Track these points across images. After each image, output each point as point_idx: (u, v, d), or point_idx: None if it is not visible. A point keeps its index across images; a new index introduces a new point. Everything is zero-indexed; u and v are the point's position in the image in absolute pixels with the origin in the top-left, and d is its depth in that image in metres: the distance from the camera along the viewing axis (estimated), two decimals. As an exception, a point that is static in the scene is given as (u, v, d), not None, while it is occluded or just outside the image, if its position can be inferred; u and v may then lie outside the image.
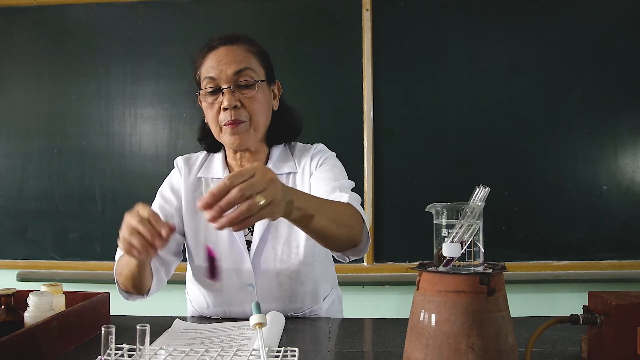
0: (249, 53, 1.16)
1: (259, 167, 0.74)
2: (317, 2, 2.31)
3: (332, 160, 1.24)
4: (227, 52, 1.14)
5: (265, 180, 0.72)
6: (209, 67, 1.14)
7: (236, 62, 1.13)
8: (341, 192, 1.09)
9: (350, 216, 1.00)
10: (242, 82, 1.13)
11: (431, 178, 2.25)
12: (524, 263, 2.22)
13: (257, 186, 0.71)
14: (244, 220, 0.71)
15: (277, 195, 0.74)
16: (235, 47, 1.15)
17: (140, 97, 2.37)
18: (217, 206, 0.68)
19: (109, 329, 0.76)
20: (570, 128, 2.22)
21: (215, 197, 0.69)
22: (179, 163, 1.28)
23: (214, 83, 1.14)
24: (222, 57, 1.13)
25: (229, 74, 1.12)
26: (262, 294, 1.19)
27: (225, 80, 1.13)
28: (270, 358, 0.84)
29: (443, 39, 2.26)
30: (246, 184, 0.70)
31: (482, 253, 0.70)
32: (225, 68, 1.12)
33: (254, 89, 1.14)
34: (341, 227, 0.96)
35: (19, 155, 2.42)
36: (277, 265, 1.18)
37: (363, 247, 1.05)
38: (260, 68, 1.17)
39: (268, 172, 0.74)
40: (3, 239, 2.42)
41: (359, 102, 2.26)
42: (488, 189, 0.70)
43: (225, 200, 0.69)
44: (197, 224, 1.23)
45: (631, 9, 2.21)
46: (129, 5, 2.36)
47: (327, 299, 1.29)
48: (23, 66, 2.42)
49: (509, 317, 0.68)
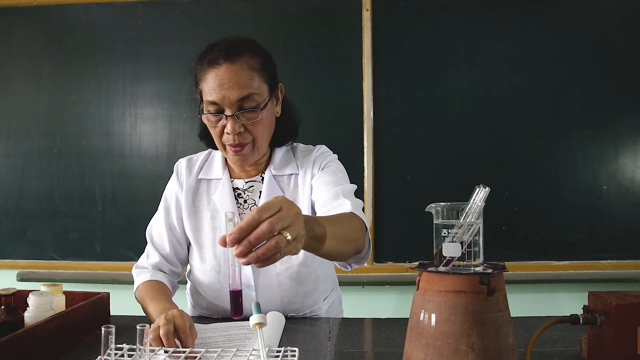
0: (252, 72, 1.09)
1: (284, 200, 0.71)
2: (317, 2, 2.31)
3: (335, 164, 1.24)
4: (230, 73, 1.07)
5: (292, 214, 0.70)
6: (210, 89, 1.08)
7: (239, 86, 1.07)
8: (344, 198, 1.08)
9: (356, 230, 1.00)
10: (245, 107, 1.09)
11: (431, 178, 2.25)
12: (524, 263, 2.22)
13: (285, 221, 0.68)
14: (271, 257, 0.68)
15: (302, 230, 0.72)
16: (238, 67, 1.08)
17: (140, 97, 2.37)
18: (246, 240, 0.65)
19: (109, 329, 0.76)
20: (570, 128, 2.22)
21: (244, 231, 0.66)
22: (178, 167, 1.29)
23: (216, 107, 1.09)
24: (225, 79, 1.07)
25: (232, 100, 1.07)
26: (262, 295, 1.19)
27: (229, 106, 1.08)
28: (270, 358, 0.84)
29: (443, 39, 2.26)
30: (275, 218, 0.67)
31: (482, 253, 0.70)
32: (228, 94, 1.07)
33: (258, 114, 1.10)
34: (349, 244, 0.96)
35: (19, 155, 2.42)
36: (277, 266, 1.17)
37: (364, 255, 1.05)
38: (264, 85, 1.12)
39: (293, 206, 0.72)
40: (3, 239, 2.42)
41: (359, 102, 2.26)
42: (488, 189, 0.70)
43: (255, 235, 0.66)
44: (197, 224, 1.23)
45: (631, 9, 2.21)
46: (129, 5, 2.36)
47: (327, 299, 1.29)
48: (23, 66, 2.42)
49: (509, 317, 0.68)
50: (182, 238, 1.25)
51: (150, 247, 1.26)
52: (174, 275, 1.26)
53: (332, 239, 0.86)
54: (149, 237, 1.27)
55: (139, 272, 1.23)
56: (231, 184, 1.23)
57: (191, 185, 1.25)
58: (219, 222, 1.21)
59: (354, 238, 0.97)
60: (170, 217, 1.25)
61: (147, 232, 1.27)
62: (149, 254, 1.25)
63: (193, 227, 1.23)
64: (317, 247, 0.84)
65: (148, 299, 1.12)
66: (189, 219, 1.23)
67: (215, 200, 1.22)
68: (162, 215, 1.26)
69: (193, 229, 1.23)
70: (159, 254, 1.24)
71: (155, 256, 1.24)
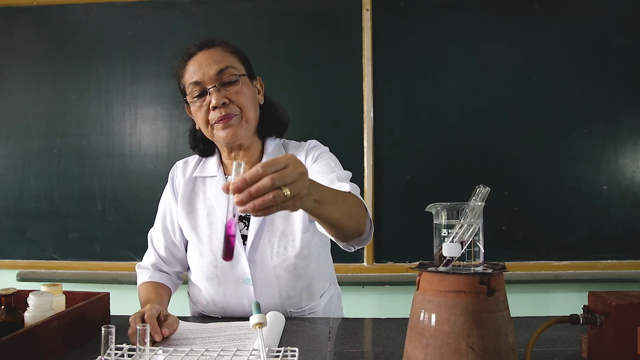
0: (226, 53, 1.20)
1: (292, 158, 0.74)
2: (317, 2, 2.31)
3: (327, 154, 1.26)
4: (206, 55, 1.18)
5: (297, 172, 0.73)
6: (191, 73, 1.18)
7: (216, 62, 1.17)
8: (341, 182, 1.11)
9: (357, 207, 1.02)
10: (225, 80, 1.16)
11: (431, 178, 2.25)
12: (524, 263, 2.22)
13: (288, 178, 0.72)
14: (267, 208, 0.72)
15: (303, 189, 0.75)
16: (212, 50, 1.19)
17: (140, 97, 2.37)
18: (246, 191, 0.69)
19: (109, 329, 0.76)
20: (570, 128, 2.22)
21: (247, 182, 0.70)
22: (174, 171, 1.35)
23: (199, 87, 1.17)
24: (202, 60, 1.17)
25: (212, 74, 1.16)
26: (260, 289, 1.21)
27: (210, 81, 1.16)
28: (270, 358, 0.84)
29: (443, 39, 2.26)
30: (278, 175, 0.70)
31: (482, 253, 0.70)
32: (207, 70, 1.16)
33: (238, 83, 1.17)
34: (350, 218, 0.98)
35: (19, 155, 2.42)
36: (273, 258, 1.20)
37: (367, 236, 1.07)
38: (240, 65, 1.21)
39: (300, 165, 0.75)
40: (3, 239, 2.42)
41: (359, 102, 2.26)
42: (488, 188, 0.70)
43: (255, 188, 0.70)
44: (195, 221, 1.26)
45: (631, 9, 2.21)
46: (129, 5, 2.36)
47: (325, 295, 1.30)
48: (23, 66, 2.42)
49: (509, 317, 0.68)
50: (177, 240, 1.31)
51: (150, 247, 1.34)
52: (174, 273, 1.33)
53: (333, 207, 0.90)
54: (149, 238, 1.35)
55: (140, 272, 1.31)
56: (225, 180, 1.24)
57: (187, 184, 1.30)
58: (215, 218, 1.24)
59: (355, 215, 1.00)
60: (164, 221, 1.32)
61: (149, 234, 1.35)
62: (149, 254, 1.34)
63: (191, 225, 1.26)
64: (319, 211, 0.86)
65: (142, 302, 1.22)
66: (186, 217, 1.27)
67: (210, 197, 1.25)
68: (158, 219, 1.34)
69: (191, 226, 1.26)
70: (156, 255, 1.32)
71: (153, 256, 1.32)
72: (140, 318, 0.98)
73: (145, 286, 1.27)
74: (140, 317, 0.98)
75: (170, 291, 1.30)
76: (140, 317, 0.98)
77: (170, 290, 1.30)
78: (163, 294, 1.25)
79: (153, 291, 1.24)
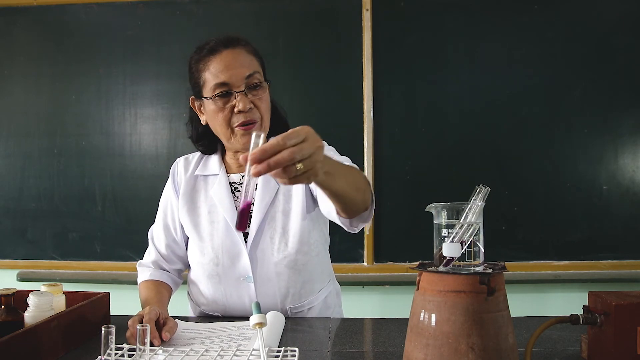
0: (251, 55, 1.19)
1: (310, 131, 0.74)
2: (317, 2, 2.31)
3: (326, 147, 1.26)
4: (233, 55, 1.17)
5: (314, 147, 0.73)
6: (217, 72, 1.16)
7: (245, 65, 1.16)
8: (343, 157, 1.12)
9: (363, 181, 1.03)
10: (252, 84, 1.16)
11: (431, 178, 2.25)
12: (524, 263, 2.22)
13: (306, 152, 0.71)
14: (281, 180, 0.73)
15: (318, 164, 0.75)
16: (239, 51, 1.18)
17: (140, 97, 2.37)
18: (265, 163, 0.69)
19: (109, 329, 0.76)
20: (570, 128, 2.22)
21: (267, 153, 0.69)
22: (175, 167, 1.34)
23: (225, 88, 1.15)
24: (230, 61, 1.16)
25: (241, 77, 1.15)
26: (260, 286, 1.21)
27: (238, 84, 1.15)
28: (270, 358, 0.84)
29: (443, 39, 2.26)
30: (298, 148, 0.70)
31: (482, 253, 0.70)
32: (236, 72, 1.15)
33: (264, 90, 1.19)
34: (358, 191, 0.99)
35: (19, 155, 2.42)
36: (274, 254, 1.20)
37: (370, 212, 1.07)
38: (260, 69, 1.21)
39: (318, 139, 0.74)
40: (3, 239, 2.42)
41: (359, 102, 2.26)
42: (488, 188, 0.70)
43: (275, 160, 0.69)
44: (196, 219, 1.26)
45: (631, 9, 2.21)
46: (129, 5, 2.36)
47: (324, 290, 1.30)
48: (23, 66, 2.42)
49: (509, 317, 0.68)
50: (178, 237, 1.31)
51: (150, 245, 1.34)
52: (174, 271, 1.33)
53: (343, 179, 0.91)
54: (150, 235, 1.34)
55: (141, 270, 1.31)
56: (227, 179, 1.26)
57: (188, 182, 1.30)
58: (216, 216, 1.24)
59: (362, 188, 1.00)
60: (166, 218, 1.32)
61: (149, 231, 1.35)
62: (149, 252, 1.33)
63: (192, 222, 1.26)
64: (329, 183, 0.87)
65: (142, 301, 1.22)
66: (187, 214, 1.27)
67: (212, 195, 1.25)
68: (159, 216, 1.33)
69: (192, 223, 1.26)
70: (156, 252, 1.32)
71: (153, 254, 1.32)
72: (139, 322, 0.97)
73: (145, 284, 1.26)
74: (139, 321, 0.97)
75: (171, 290, 1.30)
76: (138, 321, 0.97)
77: (171, 288, 1.30)
78: (164, 293, 1.25)
79: (154, 290, 1.24)
